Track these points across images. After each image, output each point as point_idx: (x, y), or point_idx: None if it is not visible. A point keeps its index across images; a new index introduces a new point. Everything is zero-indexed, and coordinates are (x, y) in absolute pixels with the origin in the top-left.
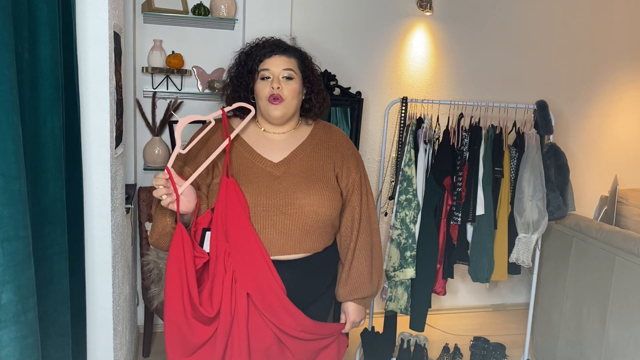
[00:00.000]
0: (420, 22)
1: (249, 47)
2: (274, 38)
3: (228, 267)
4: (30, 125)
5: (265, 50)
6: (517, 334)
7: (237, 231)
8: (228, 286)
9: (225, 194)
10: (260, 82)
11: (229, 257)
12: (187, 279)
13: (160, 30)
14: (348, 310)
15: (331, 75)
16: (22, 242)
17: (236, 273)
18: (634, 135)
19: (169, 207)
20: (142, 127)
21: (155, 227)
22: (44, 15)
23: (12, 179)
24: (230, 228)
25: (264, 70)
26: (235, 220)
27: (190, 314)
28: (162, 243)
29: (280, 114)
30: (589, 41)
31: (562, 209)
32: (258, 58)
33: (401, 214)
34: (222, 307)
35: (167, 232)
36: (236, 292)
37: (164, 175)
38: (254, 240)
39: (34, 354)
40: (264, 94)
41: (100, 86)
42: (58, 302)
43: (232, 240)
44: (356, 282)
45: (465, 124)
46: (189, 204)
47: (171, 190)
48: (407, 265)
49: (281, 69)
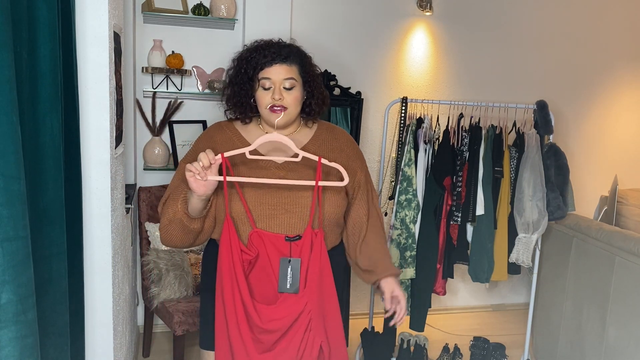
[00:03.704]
0: (420, 22)
1: (249, 53)
2: (273, 41)
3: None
4: (29, 125)
5: (266, 59)
6: (517, 334)
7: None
8: (301, 332)
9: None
10: (262, 91)
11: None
12: (238, 284)
13: (160, 30)
14: (390, 286)
15: (331, 75)
16: (22, 242)
17: (313, 322)
18: (634, 135)
19: (191, 184)
20: (142, 127)
21: (165, 213)
22: (43, 15)
23: (11, 179)
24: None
25: (264, 79)
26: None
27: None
28: (170, 230)
29: (282, 123)
30: (589, 41)
31: (562, 209)
32: (259, 67)
33: (401, 214)
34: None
35: (177, 219)
36: (308, 341)
37: (217, 160)
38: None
39: (33, 353)
40: (265, 103)
41: (100, 86)
42: (57, 302)
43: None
44: (382, 258)
45: (465, 124)
46: (207, 192)
47: (204, 174)
48: (407, 265)
49: (282, 79)
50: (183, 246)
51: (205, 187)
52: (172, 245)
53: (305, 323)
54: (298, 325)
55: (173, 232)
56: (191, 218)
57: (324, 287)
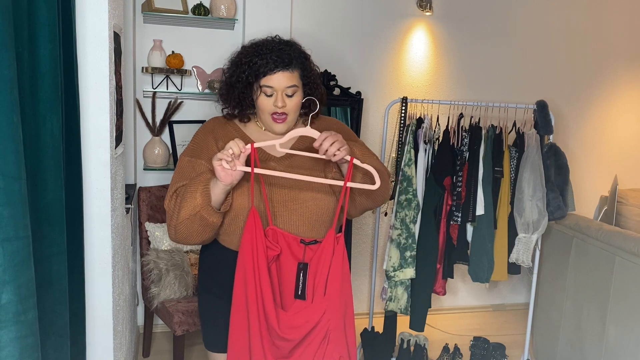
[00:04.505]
0: (420, 22)
1: (250, 57)
2: (272, 40)
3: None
4: (30, 125)
5: (268, 66)
6: (517, 334)
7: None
8: (316, 344)
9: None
10: (263, 98)
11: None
12: (260, 280)
13: (160, 30)
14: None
15: (331, 75)
16: (22, 242)
17: (331, 334)
18: (634, 135)
19: (218, 172)
20: (142, 127)
21: (184, 207)
22: (43, 15)
23: (12, 179)
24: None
25: (267, 87)
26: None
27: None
28: (189, 225)
29: (284, 130)
30: (589, 41)
31: (562, 209)
32: (261, 74)
33: (401, 214)
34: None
35: (197, 213)
36: (325, 354)
37: (247, 150)
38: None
39: (33, 354)
40: (267, 109)
41: (100, 86)
42: (57, 302)
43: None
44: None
45: (465, 124)
46: (233, 181)
47: (233, 164)
48: (407, 265)
49: (285, 86)
50: (198, 242)
51: (232, 176)
52: (187, 242)
53: (322, 334)
54: (313, 336)
55: (192, 226)
56: (213, 211)
57: (344, 296)
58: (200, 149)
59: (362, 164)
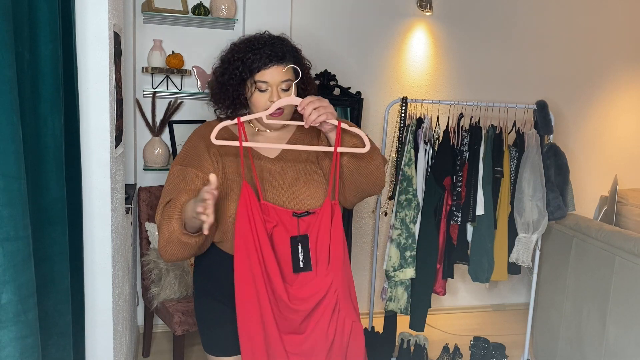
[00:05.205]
0: (420, 22)
1: (242, 53)
2: (262, 36)
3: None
4: (30, 125)
5: (262, 62)
6: (517, 334)
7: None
8: (329, 313)
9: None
10: (258, 94)
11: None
12: (261, 250)
13: (160, 30)
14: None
15: (331, 75)
16: (22, 242)
17: (341, 302)
18: (634, 135)
19: (201, 217)
20: (142, 127)
21: (161, 233)
22: (44, 15)
23: (12, 179)
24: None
25: (261, 82)
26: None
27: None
28: (169, 250)
29: (280, 126)
30: (589, 41)
31: (562, 209)
32: (255, 69)
33: (401, 214)
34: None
35: (174, 239)
36: (338, 322)
37: (214, 194)
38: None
39: (33, 354)
40: (262, 106)
41: (100, 86)
42: (59, 302)
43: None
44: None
45: (465, 124)
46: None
47: (211, 210)
48: (407, 265)
49: (279, 81)
50: (189, 257)
51: (214, 214)
52: (175, 262)
53: (332, 303)
54: (324, 306)
55: (172, 251)
56: (189, 235)
57: (346, 264)
58: (191, 157)
59: (351, 127)
